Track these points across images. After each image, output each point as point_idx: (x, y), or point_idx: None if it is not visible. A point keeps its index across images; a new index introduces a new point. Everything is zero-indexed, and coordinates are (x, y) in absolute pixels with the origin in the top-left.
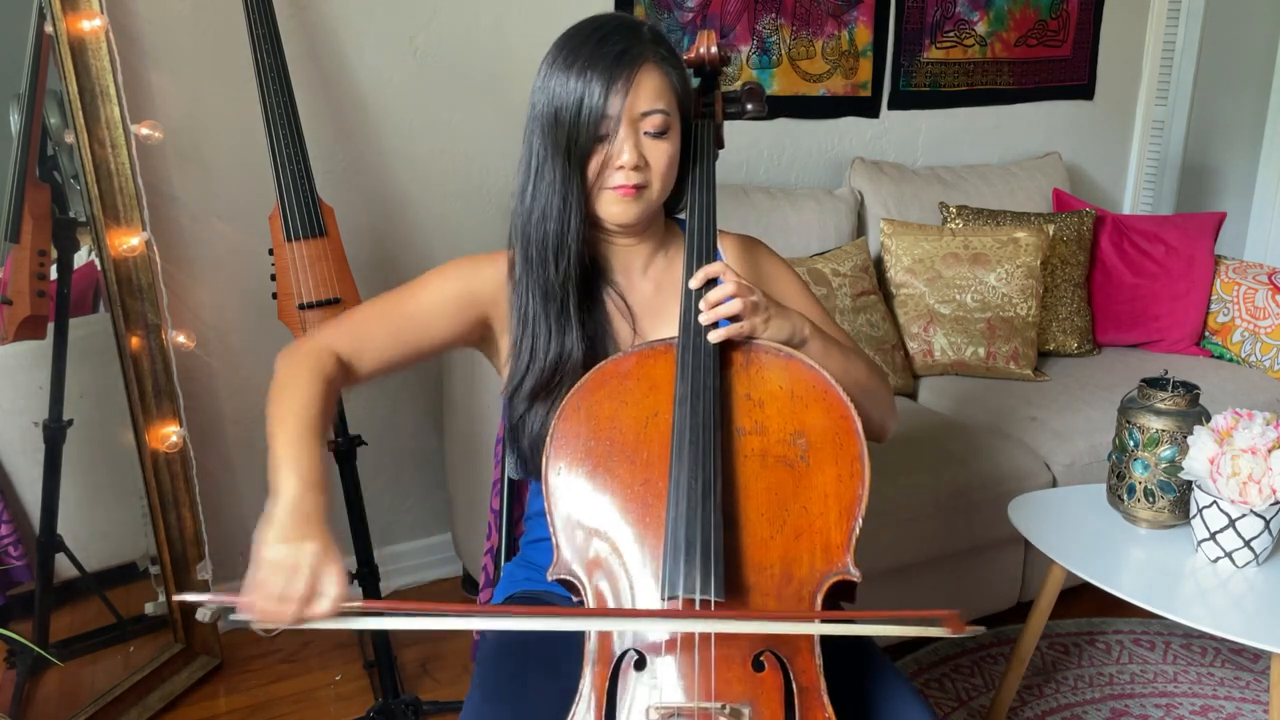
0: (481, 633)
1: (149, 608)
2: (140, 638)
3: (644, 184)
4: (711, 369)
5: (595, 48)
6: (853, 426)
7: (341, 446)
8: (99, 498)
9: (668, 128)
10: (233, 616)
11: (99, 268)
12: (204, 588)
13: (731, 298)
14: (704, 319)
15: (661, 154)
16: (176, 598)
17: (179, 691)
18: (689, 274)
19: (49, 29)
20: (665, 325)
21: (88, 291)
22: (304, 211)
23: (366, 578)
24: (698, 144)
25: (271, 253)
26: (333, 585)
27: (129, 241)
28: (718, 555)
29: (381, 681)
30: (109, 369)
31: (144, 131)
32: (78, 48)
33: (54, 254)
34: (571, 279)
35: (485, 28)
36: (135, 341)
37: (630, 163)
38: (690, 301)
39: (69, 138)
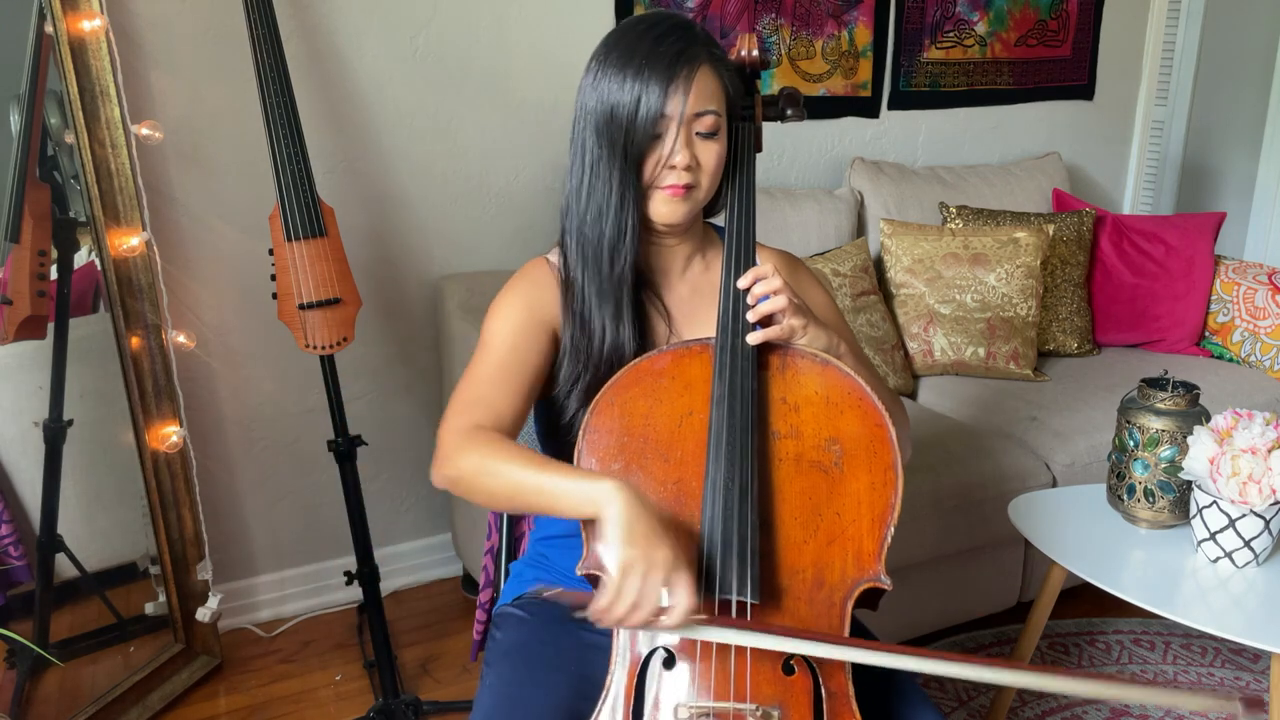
0: (490, 634)
1: (149, 608)
2: (140, 638)
3: (694, 184)
4: (749, 371)
5: (652, 47)
6: (887, 435)
7: (341, 446)
8: (99, 498)
9: (718, 129)
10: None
11: (99, 268)
12: (204, 588)
13: (778, 294)
14: (751, 316)
15: (712, 154)
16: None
17: (179, 691)
18: (729, 274)
19: (49, 29)
20: (700, 328)
21: (88, 291)
22: (304, 211)
23: (366, 577)
24: (738, 146)
25: (271, 253)
26: (684, 597)
27: (129, 241)
28: (754, 557)
29: (381, 681)
30: (109, 369)
31: (144, 131)
32: (78, 48)
33: (54, 254)
34: (627, 278)
35: (485, 27)
36: (135, 341)
37: (684, 163)
38: (729, 301)
39: (69, 138)
